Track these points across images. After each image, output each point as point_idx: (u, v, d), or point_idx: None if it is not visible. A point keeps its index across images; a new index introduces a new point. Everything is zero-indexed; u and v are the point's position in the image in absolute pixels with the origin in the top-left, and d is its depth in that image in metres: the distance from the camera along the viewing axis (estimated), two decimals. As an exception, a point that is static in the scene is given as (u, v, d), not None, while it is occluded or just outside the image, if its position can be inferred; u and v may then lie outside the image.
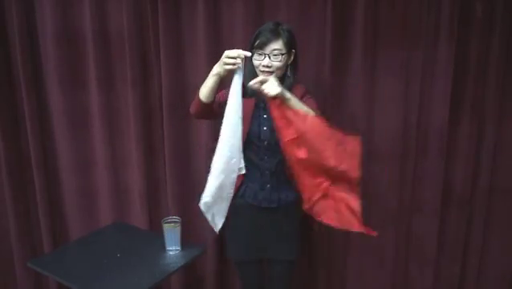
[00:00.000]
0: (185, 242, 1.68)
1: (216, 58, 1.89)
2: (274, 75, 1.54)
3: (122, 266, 1.56)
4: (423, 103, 1.98)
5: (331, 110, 1.90)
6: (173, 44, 1.90)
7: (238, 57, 1.41)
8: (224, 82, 1.53)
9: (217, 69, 1.46)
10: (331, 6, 1.84)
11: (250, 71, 1.58)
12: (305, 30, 1.90)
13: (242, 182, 1.63)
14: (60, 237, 2.14)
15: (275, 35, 1.51)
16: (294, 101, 1.44)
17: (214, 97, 1.54)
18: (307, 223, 1.76)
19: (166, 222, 1.65)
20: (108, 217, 2.09)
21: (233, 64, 1.41)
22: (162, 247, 1.66)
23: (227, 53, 1.42)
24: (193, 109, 1.61)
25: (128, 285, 1.44)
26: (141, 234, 1.89)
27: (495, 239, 2.16)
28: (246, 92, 1.54)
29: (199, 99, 1.54)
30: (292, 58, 1.58)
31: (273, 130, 1.57)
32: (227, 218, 1.72)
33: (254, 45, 1.53)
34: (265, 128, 1.58)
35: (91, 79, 1.96)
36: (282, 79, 1.58)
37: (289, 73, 1.59)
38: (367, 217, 2.11)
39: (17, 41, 1.87)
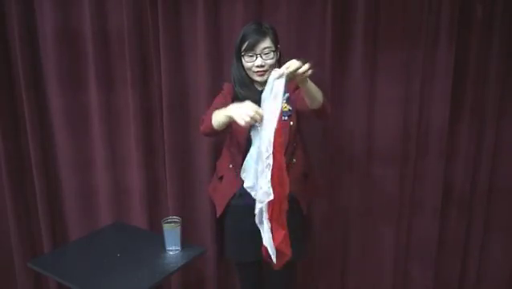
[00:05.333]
0: (185, 242, 1.68)
1: (216, 58, 1.92)
2: (267, 73, 1.54)
3: (122, 266, 1.56)
4: (423, 104, 1.99)
5: (331, 110, 1.90)
6: (173, 44, 1.90)
7: (256, 115, 1.29)
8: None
9: (235, 115, 1.33)
10: (331, 6, 1.84)
11: (239, 76, 1.59)
12: (305, 30, 1.91)
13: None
14: (60, 237, 2.14)
15: (262, 34, 1.52)
16: (310, 82, 1.38)
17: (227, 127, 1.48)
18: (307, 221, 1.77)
19: (166, 222, 1.65)
20: (108, 217, 2.09)
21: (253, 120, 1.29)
22: (162, 247, 1.66)
23: (250, 112, 1.28)
24: (203, 129, 1.56)
25: (128, 285, 1.44)
26: (141, 234, 1.89)
27: (495, 239, 2.16)
28: (238, 97, 1.56)
29: (211, 126, 1.48)
30: (278, 54, 1.59)
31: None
32: (226, 219, 1.72)
33: (243, 48, 1.53)
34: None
35: (91, 79, 1.96)
36: None
37: None
38: (367, 216, 2.14)
39: (17, 41, 1.87)
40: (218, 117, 1.45)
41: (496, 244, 2.16)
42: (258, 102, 1.57)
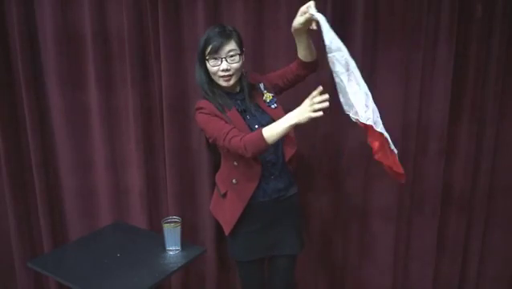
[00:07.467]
0: (185, 242, 1.68)
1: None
2: (233, 77, 1.54)
3: (122, 266, 1.56)
4: (423, 103, 1.98)
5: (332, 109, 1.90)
6: (173, 44, 1.90)
7: (326, 99, 1.34)
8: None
9: (298, 118, 1.36)
10: (331, 6, 1.84)
11: (203, 82, 1.55)
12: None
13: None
14: (60, 237, 2.14)
15: (226, 37, 1.50)
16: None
17: None
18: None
19: (166, 222, 1.65)
20: (108, 217, 2.09)
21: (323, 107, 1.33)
22: (162, 247, 1.66)
23: (314, 99, 1.34)
24: (252, 151, 1.44)
25: (128, 285, 1.44)
26: (141, 233, 1.89)
27: (495, 239, 2.16)
28: (221, 107, 1.54)
29: (266, 144, 1.42)
30: (243, 58, 1.57)
31: (263, 124, 1.56)
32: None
33: (207, 52, 1.49)
34: (256, 126, 1.57)
35: (91, 79, 1.96)
36: (240, 80, 1.59)
37: (244, 72, 1.60)
38: (366, 216, 2.14)
39: (17, 41, 1.87)
40: (276, 133, 1.40)
41: (496, 244, 2.16)
42: (241, 101, 1.59)
